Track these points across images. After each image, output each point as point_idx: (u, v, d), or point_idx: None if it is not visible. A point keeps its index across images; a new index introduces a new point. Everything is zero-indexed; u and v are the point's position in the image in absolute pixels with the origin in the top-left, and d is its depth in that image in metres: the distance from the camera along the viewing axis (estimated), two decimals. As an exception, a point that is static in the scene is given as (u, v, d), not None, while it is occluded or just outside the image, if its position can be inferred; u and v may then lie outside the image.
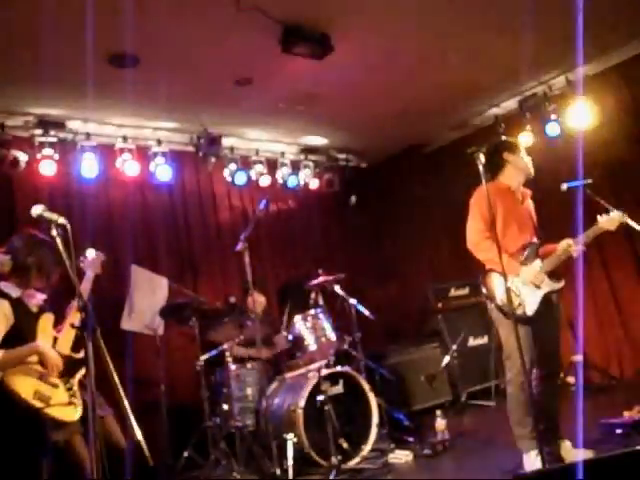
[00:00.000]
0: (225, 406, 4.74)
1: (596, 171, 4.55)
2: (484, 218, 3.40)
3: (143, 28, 4.17)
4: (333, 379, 4.55)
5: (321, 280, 5.01)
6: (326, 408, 4.20)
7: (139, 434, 2.31)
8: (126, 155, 5.68)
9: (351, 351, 5.15)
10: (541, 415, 3.21)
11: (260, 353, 4.67)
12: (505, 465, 3.51)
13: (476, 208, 3.52)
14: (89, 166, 5.47)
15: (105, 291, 5.29)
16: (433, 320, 6.32)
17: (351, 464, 4.23)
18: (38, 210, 2.55)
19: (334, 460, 4.05)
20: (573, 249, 3.39)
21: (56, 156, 5.28)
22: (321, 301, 5.02)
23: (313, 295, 5.03)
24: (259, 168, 6.63)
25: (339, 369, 4.63)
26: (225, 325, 4.83)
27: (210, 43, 4.53)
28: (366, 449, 4.41)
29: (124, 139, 5.72)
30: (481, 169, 3.17)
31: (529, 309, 3.37)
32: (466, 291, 6.54)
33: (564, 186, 3.65)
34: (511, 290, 3.26)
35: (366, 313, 5.22)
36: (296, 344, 4.71)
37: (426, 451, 4.30)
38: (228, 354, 4.72)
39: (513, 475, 2.97)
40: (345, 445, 4.29)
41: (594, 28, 4.66)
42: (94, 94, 4.99)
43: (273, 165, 6.81)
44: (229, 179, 6.47)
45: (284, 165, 6.88)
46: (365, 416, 4.54)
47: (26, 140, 5.26)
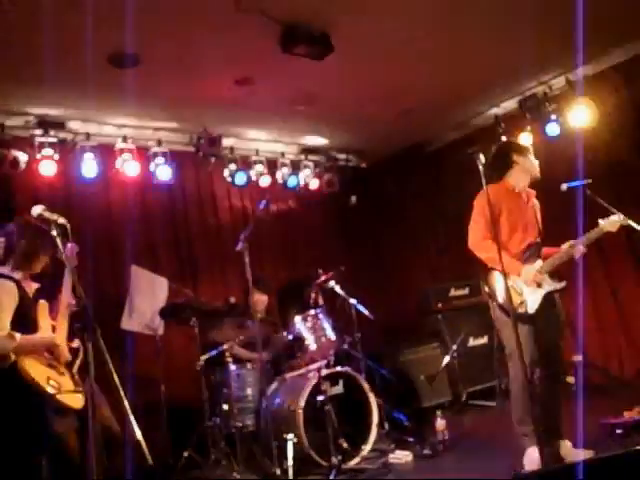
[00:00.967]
0: (225, 406, 4.74)
1: (596, 171, 4.54)
2: (486, 218, 3.41)
3: (143, 28, 4.16)
4: (333, 379, 4.55)
5: (321, 279, 5.01)
6: (326, 408, 4.19)
7: (139, 434, 2.31)
8: (126, 155, 5.67)
9: (351, 351, 5.15)
10: (542, 415, 3.22)
11: (259, 354, 4.66)
12: (505, 465, 3.51)
13: (479, 208, 3.55)
14: (89, 166, 5.46)
15: (105, 291, 5.31)
16: (433, 320, 6.32)
17: (351, 464, 4.23)
18: (38, 210, 2.56)
19: (334, 460, 4.05)
20: (575, 250, 3.40)
21: (56, 156, 5.27)
22: (321, 301, 5.02)
23: (313, 295, 5.03)
24: (259, 168, 6.62)
25: (339, 369, 4.63)
26: (225, 325, 4.82)
27: (210, 43, 4.53)
28: (366, 449, 4.41)
29: (124, 139, 5.72)
30: (481, 169, 3.17)
31: (530, 307, 3.38)
32: (466, 291, 6.54)
33: (564, 186, 3.66)
34: (513, 289, 3.28)
35: (366, 313, 5.22)
36: (296, 344, 4.71)
37: (426, 451, 4.30)
38: (228, 354, 4.72)
39: (513, 475, 2.97)
40: (345, 445, 4.28)
41: (594, 28, 4.65)
42: (94, 94, 5.00)
43: (273, 165, 6.81)
44: (229, 179, 6.47)
45: (284, 165, 6.87)
46: (365, 416, 4.54)
47: (26, 140, 5.25)
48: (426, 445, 4.37)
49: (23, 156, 5.16)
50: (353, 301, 5.20)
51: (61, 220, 2.53)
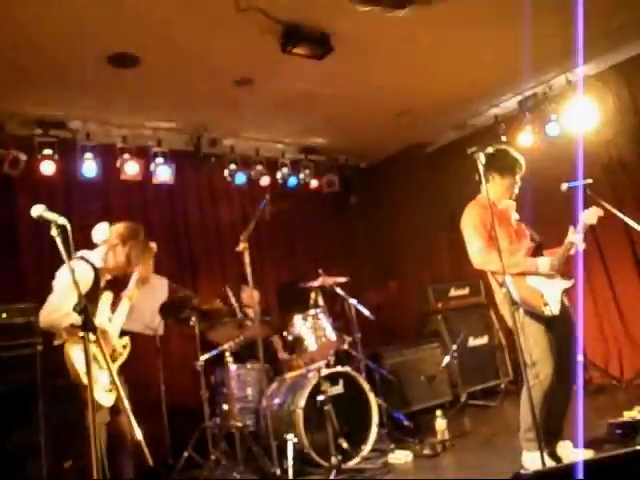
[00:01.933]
0: (225, 406, 4.74)
1: (596, 171, 4.54)
2: (479, 233, 3.39)
3: (143, 28, 4.17)
4: (333, 379, 4.54)
5: (322, 282, 5.00)
6: (326, 408, 4.19)
7: (139, 434, 2.31)
8: (126, 155, 5.68)
9: (351, 351, 5.15)
10: (548, 415, 3.20)
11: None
12: (505, 465, 3.51)
13: (470, 227, 3.48)
14: (89, 166, 5.48)
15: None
16: (433, 320, 6.32)
17: (351, 464, 4.22)
18: (38, 210, 2.55)
19: (334, 460, 4.05)
20: (574, 238, 3.37)
21: (56, 156, 5.28)
22: (321, 301, 5.02)
23: (313, 295, 5.03)
24: (259, 168, 6.63)
25: (339, 369, 4.62)
26: (225, 325, 4.83)
27: (210, 43, 4.53)
28: (366, 449, 4.41)
29: (124, 139, 5.72)
30: (481, 169, 3.17)
31: (554, 308, 3.35)
32: (466, 291, 6.54)
33: (564, 186, 3.65)
34: (535, 290, 3.32)
35: (366, 313, 5.22)
36: (296, 344, 4.71)
37: (426, 451, 4.30)
38: (228, 354, 4.72)
39: (513, 475, 2.96)
40: (345, 445, 4.28)
41: (594, 28, 4.65)
42: (94, 94, 5.00)
43: (273, 165, 6.81)
44: (229, 179, 6.47)
45: (284, 165, 6.88)
46: (365, 416, 4.53)
47: (26, 140, 5.26)
48: (426, 445, 4.37)
49: (23, 156, 5.16)
50: (353, 301, 5.20)
51: (61, 220, 2.52)
